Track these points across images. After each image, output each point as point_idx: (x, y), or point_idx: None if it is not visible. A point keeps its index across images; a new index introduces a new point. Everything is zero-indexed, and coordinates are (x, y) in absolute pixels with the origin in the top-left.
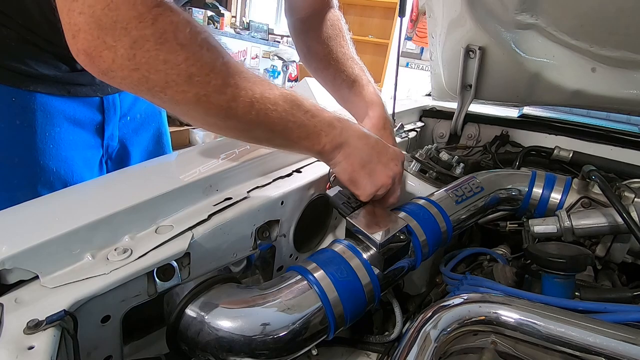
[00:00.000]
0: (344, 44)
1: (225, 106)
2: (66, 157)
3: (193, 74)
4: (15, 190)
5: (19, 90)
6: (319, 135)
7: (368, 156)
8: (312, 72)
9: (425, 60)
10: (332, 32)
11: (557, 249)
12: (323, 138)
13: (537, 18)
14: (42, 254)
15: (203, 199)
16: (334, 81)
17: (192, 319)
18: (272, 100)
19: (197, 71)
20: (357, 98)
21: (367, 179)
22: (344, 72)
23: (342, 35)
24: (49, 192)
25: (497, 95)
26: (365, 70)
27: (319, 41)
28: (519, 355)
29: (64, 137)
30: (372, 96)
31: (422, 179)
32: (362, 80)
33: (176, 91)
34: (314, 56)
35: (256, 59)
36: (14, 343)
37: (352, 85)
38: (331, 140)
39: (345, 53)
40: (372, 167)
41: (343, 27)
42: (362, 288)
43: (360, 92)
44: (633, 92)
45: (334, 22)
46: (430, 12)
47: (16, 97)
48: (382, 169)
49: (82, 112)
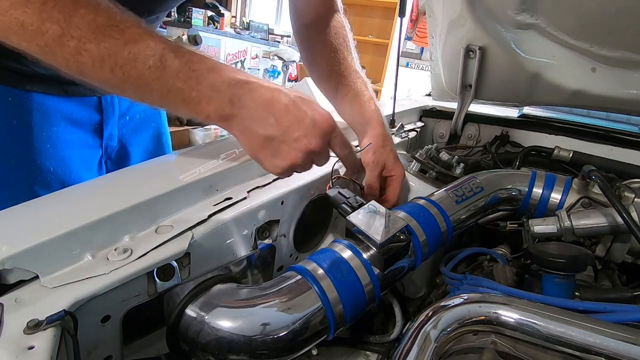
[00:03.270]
0: (347, 56)
1: (71, 60)
2: (64, 157)
3: (25, 22)
4: (12, 190)
5: (15, 89)
6: (199, 102)
7: (270, 132)
8: (315, 81)
9: (425, 60)
10: (336, 41)
11: (557, 249)
12: (204, 106)
13: (537, 18)
14: (42, 254)
15: (203, 199)
16: (335, 94)
17: (192, 319)
18: (134, 57)
19: (28, 19)
20: (357, 114)
21: (269, 160)
22: (347, 86)
23: (347, 44)
24: (47, 193)
25: (497, 95)
26: (368, 84)
27: (323, 51)
28: (519, 355)
29: (61, 137)
30: (372, 114)
31: (422, 179)
32: (364, 96)
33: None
34: (317, 66)
35: (256, 59)
36: (14, 343)
37: (354, 100)
38: (216, 109)
39: (349, 66)
40: (275, 147)
41: (348, 34)
42: (362, 288)
43: (361, 108)
44: (633, 92)
45: (338, 30)
46: (430, 12)
47: (12, 96)
48: (287, 149)
49: (79, 111)
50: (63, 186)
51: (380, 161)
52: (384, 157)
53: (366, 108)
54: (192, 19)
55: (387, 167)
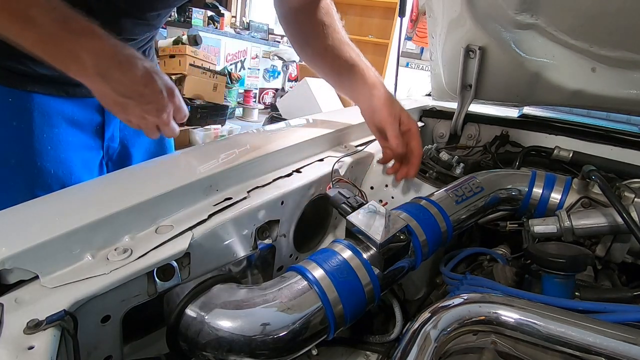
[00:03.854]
0: (339, 30)
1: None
2: (64, 159)
3: None
4: (12, 193)
5: (16, 90)
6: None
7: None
8: (309, 60)
9: (425, 60)
10: (327, 19)
11: (557, 249)
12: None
13: (537, 18)
14: (42, 254)
15: (203, 199)
16: (332, 68)
17: (192, 319)
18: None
19: None
20: (358, 82)
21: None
22: (342, 57)
23: (337, 22)
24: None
25: (497, 95)
26: (361, 55)
27: (315, 29)
28: (519, 355)
29: (62, 138)
30: (375, 79)
31: (422, 179)
32: (361, 64)
33: None
34: (310, 44)
35: (256, 59)
36: (14, 343)
37: (351, 69)
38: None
39: (342, 39)
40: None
41: (335, 15)
42: (362, 288)
43: (362, 75)
44: (633, 92)
45: (327, 10)
46: (430, 12)
47: (13, 97)
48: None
49: (81, 113)
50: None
51: (397, 115)
52: (399, 112)
53: (367, 75)
54: (192, 19)
55: (402, 121)
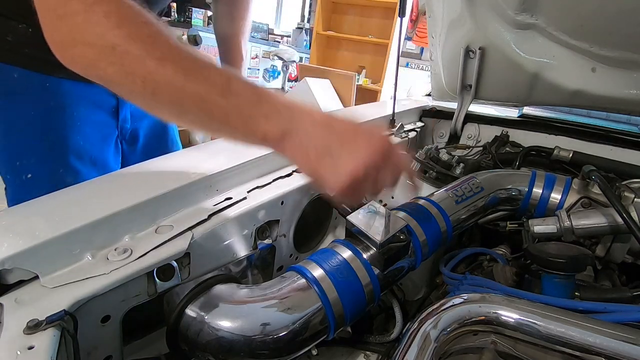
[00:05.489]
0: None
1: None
2: (89, 134)
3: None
4: (50, 162)
5: (50, 77)
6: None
7: (327, 142)
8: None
9: (425, 60)
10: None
11: (557, 249)
12: (263, 125)
13: (537, 18)
14: (42, 254)
15: (203, 199)
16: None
17: (192, 319)
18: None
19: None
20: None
21: (329, 172)
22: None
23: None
24: (78, 162)
25: (497, 96)
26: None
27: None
28: (519, 355)
29: (87, 116)
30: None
31: (422, 179)
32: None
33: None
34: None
35: (256, 59)
36: (14, 343)
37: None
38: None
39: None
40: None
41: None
42: (362, 288)
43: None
44: (633, 92)
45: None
46: (430, 12)
47: (49, 82)
48: (346, 157)
49: (100, 96)
50: (90, 157)
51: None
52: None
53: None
54: (192, 19)
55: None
